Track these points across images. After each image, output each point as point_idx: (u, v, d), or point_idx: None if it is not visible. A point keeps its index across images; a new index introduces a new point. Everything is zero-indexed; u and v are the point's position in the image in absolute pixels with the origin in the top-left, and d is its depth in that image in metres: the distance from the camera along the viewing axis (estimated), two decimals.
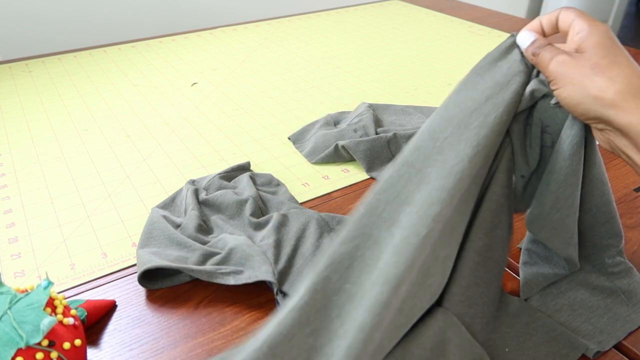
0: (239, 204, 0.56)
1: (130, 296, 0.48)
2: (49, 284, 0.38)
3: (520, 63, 0.41)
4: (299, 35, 1.22)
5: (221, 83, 0.95)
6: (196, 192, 0.58)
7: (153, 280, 0.48)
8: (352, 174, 0.66)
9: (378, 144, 0.67)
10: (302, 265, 0.48)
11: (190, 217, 0.54)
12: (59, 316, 0.37)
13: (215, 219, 0.55)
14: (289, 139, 0.75)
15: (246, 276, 0.46)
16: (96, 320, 0.44)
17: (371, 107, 0.77)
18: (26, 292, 0.38)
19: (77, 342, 0.37)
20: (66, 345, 0.36)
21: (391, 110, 0.80)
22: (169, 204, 0.58)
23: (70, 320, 0.38)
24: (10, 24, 1.41)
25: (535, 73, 0.42)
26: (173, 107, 0.85)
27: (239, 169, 0.64)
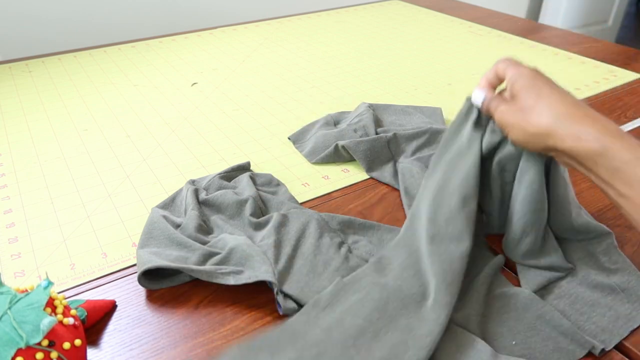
0: (239, 204, 0.56)
1: (130, 296, 0.48)
2: (49, 284, 0.38)
3: (475, 126, 0.49)
4: (299, 35, 1.22)
5: (221, 83, 0.95)
6: (196, 192, 0.58)
7: (153, 280, 0.48)
8: (352, 174, 0.66)
9: (378, 144, 0.67)
10: (302, 265, 0.48)
11: (190, 217, 0.54)
12: (59, 316, 0.37)
13: (215, 219, 0.55)
14: (289, 139, 0.75)
15: (246, 276, 0.46)
16: (96, 320, 0.44)
17: (371, 107, 0.77)
18: (26, 292, 0.38)
19: (77, 342, 0.37)
20: (66, 345, 0.36)
21: (391, 110, 0.80)
22: (169, 204, 0.58)
23: (70, 320, 0.38)
24: (10, 24, 1.41)
25: (487, 122, 0.49)
26: (173, 107, 0.85)
27: (239, 169, 0.64)
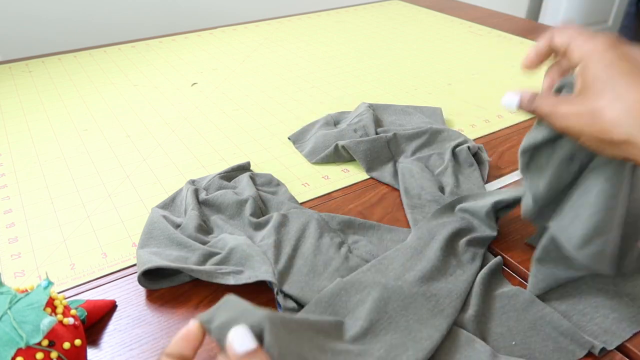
0: (239, 204, 0.56)
1: (130, 296, 0.47)
2: (49, 284, 0.38)
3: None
4: (299, 35, 1.22)
5: (221, 83, 0.95)
6: (196, 192, 0.58)
7: (153, 280, 0.48)
8: (352, 174, 0.66)
9: (378, 144, 0.67)
10: (302, 265, 0.48)
11: (190, 217, 0.54)
12: (59, 316, 0.37)
13: (215, 219, 0.55)
14: (289, 139, 0.75)
15: (246, 276, 0.46)
16: (96, 320, 0.44)
17: (371, 107, 0.77)
18: (26, 292, 0.38)
19: (77, 342, 0.37)
20: (66, 345, 0.36)
21: (391, 110, 0.80)
22: (169, 204, 0.58)
23: (70, 320, 0.38)
24: (10, 24, 1.41)
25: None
26: (173, 107, 0.85)
27: (239, 169, 0.64)
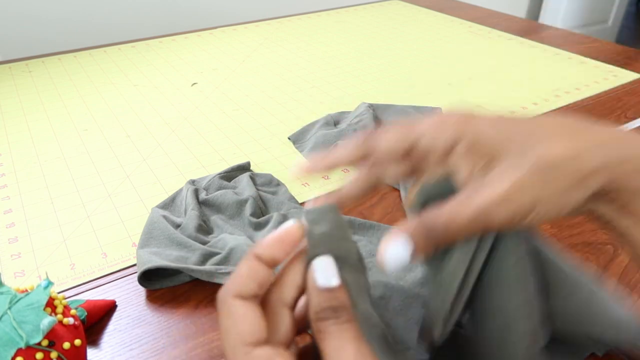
0: (239, 204, 0.56)
1: (130, 296, 0.48)
2: (49, 284, 0.38)
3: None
4: (299, 35, 1.22)
5: (221, 83, 0.95)
6: (196, 192, 0.58)
7: (153, 280, 0.48)
8: (352, 174, 0.66)
9: None
10: None
11: (190, 217, 0.54)
12: (59, 316, 0.37)
13: (215, 219, 0.55)
14: (289, 139, 0.75)
15: None
16: (96, 320, 0.44)
17: (371, 107, 0.77)
18: (26, 292, 0.38)
19: (77, 342, 0.37)
20: (66, 345, 0.36)
21: (391, 110, 0.80)
22: (169, 204, 0.58)
23: (70, 320, 0.38)
24: (10, 24, 1.41)
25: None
26: (173, 107, 0.85)
27: (239, 169, 0.64)
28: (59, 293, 0.45)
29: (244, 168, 0.65)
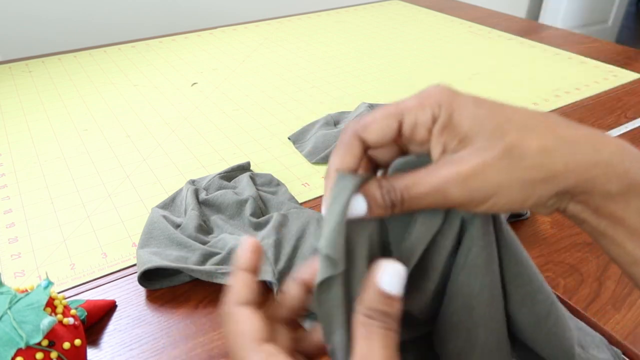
0: (239, 204, 0.56)
1: (130, 296, 0.48)
2: (49, 284, 0.38)
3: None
4: (299, 35, 1.22)
5: (221, 83, 0.95)
6: (196, 192, 0.58)
7: (153, 280, 0.48)
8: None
9: None
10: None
11: (190, 217, 0.54)
12: (59, 316, 0.37)
13: (215, 219, 0.55)
14: (289, 139, 0.75)
15: None
16: (96, 320, 0.44)
17: (371, 107, 0.77)
18: (26, 292, 0.38)
19: (77, 342, 0.37)
20: (66, 345, 0.36)
21: None
22: (169, 204, 0.58)
23: (70, 320, 0.38)
24: (10, 24, 1.41)
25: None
26: (173, 107, 0.85)
27: (239, 169, 0.64)
28: (59, 293, 0.45)
29: (244, 168, 0.65)
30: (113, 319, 0.45)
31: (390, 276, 0.25)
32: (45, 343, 0.35)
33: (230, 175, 0.63)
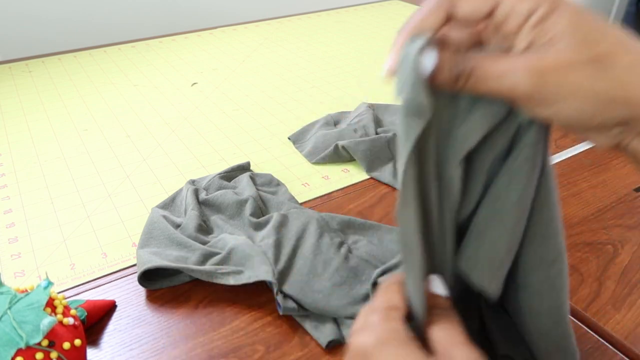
0: (239, 204, 0.56)
1: (130, 296, 0.47)
2: (49, 284, 0.38)
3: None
4: (299, 35, 1.22)
5: (221, 83, 0.95)
6: (196, 192, 0.58)
7: (153, 280, 0.48)
8: (352, 174, 0.66)
9: (378, 144, 0.67)
10: (302, 265, 0.48)
11: (190, 217, 0.54)
12: (59, 316, 0.37)
13: (215, 219, 0.55)
14: (289, 139, 0.75)
15: (246, 276, 0.46)
16: (96, 320, 0.44)
17: (371, 107, 0.77)
18: (26, 292, 0.38)
19: (77, 342, 0.37)
20: (66, 345, 0.36)
21: (391, 110, 0.80)
22: (169, 204, 0.58)
23: (70, 320, 0.38)
24: (10, 24, 1.41)
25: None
26: (173, 107, 0.85)
27: (239, 169, 0.64)
28: (59, 293, 0.45)
29: (244, 168, 0.65)
30: (113, 319, 0.45)
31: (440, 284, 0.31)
32: (45, 343, 0.35)
33: (230, 175, 0.63)
